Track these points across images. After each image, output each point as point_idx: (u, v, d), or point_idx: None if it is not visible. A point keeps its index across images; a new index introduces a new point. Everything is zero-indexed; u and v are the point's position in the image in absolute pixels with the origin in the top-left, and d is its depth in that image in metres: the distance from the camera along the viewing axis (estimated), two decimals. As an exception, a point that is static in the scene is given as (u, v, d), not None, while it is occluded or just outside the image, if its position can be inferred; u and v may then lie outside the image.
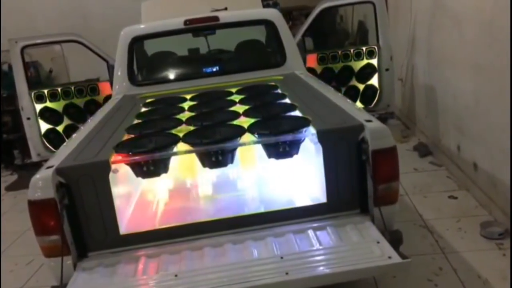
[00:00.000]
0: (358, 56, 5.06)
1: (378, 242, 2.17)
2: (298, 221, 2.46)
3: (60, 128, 5.16)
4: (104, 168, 2.32)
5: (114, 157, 2.39)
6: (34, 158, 5.18)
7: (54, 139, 5.14)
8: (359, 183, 2.44)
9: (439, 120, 4.56)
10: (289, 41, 4.24)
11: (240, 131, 2.54)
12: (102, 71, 5.68)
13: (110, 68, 5.13)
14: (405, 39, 5.53)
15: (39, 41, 5.09)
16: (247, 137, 2.52)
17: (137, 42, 4.22)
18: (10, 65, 5.66)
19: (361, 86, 5.14)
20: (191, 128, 2.76)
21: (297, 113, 2.82)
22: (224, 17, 4.15)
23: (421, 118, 5.28)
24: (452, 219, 3.52)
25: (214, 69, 4.33)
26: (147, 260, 2.30)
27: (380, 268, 2.05)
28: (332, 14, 9.68)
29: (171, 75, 4.37)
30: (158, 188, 3.05)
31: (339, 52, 5.08)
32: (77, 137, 2.83)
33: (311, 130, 2.44)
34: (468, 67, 3.81)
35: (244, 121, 2.82)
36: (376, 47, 5.01)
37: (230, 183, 3.03)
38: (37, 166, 5.96)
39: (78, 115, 5.16)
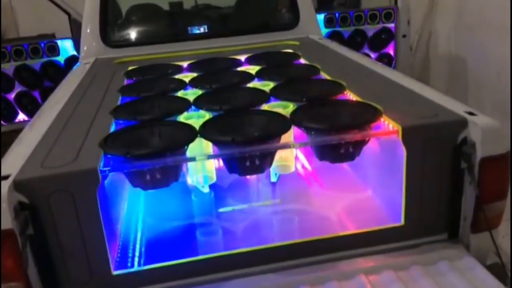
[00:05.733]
0: (373, 19, 4.34)
1: (500, 296, 1.53)
2: (364, 251, 1.77)
3: (10, 96, 4.23)
4: (91, 180, 1.52)
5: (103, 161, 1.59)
6: (-22, 133, 4.23)
7: (3, 109, 4.22)
8: (450, 199, 1.77)
9: (468, 97, 3.96)
10: (304, -3, 3.45)
11: (285, 124, 1.77)
12: (58, 25, 4.77)
13: (73, 23, 4.22)
14: (421, -1, 4.83)
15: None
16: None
17: (112, -10, 3.31)
18: None
19: (374, 55, 4.47)
20: (207, 114, 1.98)
21: (348, 96, 2.09)
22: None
23: (437, 93, 4.67)
24: None
25: (209, 30, 3.49)
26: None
27: None
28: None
29: (156, 35, 3.50)
30: (160, 202, 2.23)
31: (351, 14, 4.35)
32: (39, 124, 1.98)
33: (388, 126, 1.72)
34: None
35: (276, 105, 2.06)
36: (394, 9, 4.30)
37: (262, 195, 2.24)
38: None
39: (33, 81, 4.25)
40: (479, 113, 1.72)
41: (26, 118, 4.25)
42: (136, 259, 1.81)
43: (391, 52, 4.40)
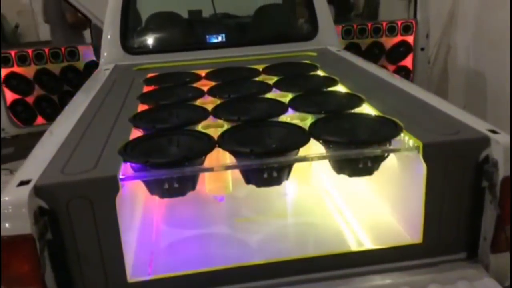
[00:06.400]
0: (392, 32, 4.33)
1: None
2: (380, 268, 1.75)
3: (30, 99, 4.29)
4: (110, 188, 1.53)
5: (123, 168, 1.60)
6: (-3, 133, 4.30)
7: (22, 112, 4.28)
8: (470, 218, 1.74)
9: (486, 112, 3.92)
10: (323, 8, 3.46)
11: (303, 136, 1.77)
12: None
13: (94, 29, 4.28)
14: (441, 12, 4.79)
15: (4, -12, 4.14)
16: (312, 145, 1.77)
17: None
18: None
19: (391, 67, 4.45)
20: (225, 124, 1.98)
21: (366, 109, 2.07)
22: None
23: (455, 108, 4.63)
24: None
25: (227, 39, 3.51)
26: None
27: None
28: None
29: (174, 43, 3.52)
30: (174, 210, 2.23)
31: (369, 26, 4.34)
32: (59, 130, 2.00)
33: (409, 142, 1.71)
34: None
35: (294, 117, 2.06)
36: (413, 22, 4.28)
37: (278, 207, 2.24)
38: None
39: (53, 85, 4.30)
40: (501, 131, 1.70)
41: (44, 121, 4.30)
42: (152, 267, 1.81)
43: (409, 65, 4.37)
